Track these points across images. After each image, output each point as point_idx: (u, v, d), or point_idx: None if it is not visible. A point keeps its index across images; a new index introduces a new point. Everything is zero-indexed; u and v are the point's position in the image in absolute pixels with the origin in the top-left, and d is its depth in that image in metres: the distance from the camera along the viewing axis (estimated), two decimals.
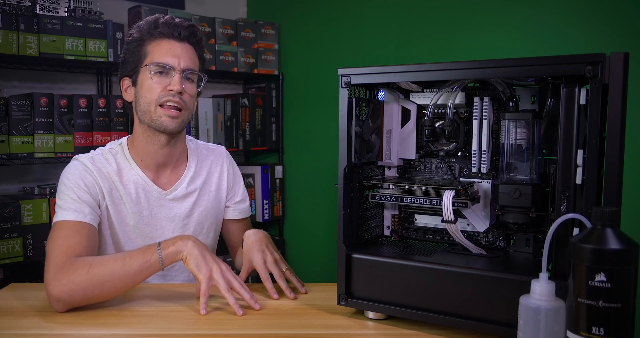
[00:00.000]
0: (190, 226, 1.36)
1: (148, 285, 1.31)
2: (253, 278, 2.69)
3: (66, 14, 2.15)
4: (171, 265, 1.16)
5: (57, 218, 1.20)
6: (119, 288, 1.10)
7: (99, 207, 1.25)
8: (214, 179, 1.41)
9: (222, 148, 1.48)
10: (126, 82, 1.31)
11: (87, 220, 1.20)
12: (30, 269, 2.16)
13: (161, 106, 1.24)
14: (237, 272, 1.27)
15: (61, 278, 1.08)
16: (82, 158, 1.28)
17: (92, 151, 1.32)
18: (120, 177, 1.28)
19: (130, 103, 1.32)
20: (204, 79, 1.31)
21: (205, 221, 1.38)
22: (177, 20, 1.28)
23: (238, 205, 1.45)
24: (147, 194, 1.30)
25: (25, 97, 2.05)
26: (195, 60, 1.29)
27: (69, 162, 1.29)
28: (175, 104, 1.24)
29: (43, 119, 2.08)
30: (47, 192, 2.16)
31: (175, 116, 1.25)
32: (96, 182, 1.25)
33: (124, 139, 1.36)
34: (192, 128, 2.52)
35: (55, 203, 1.24)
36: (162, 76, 1.25)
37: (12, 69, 2.21)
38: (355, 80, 1.03)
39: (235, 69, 2.69)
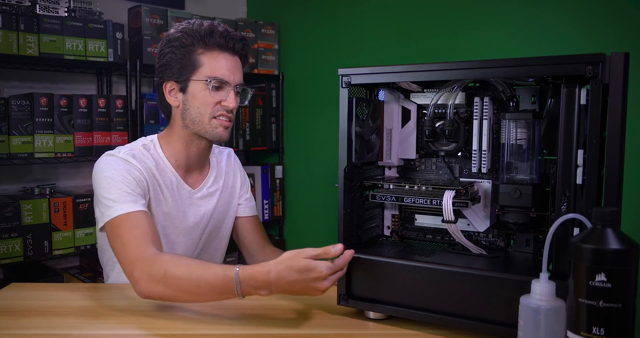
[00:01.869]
0: (212, 222, 1.40)
1: None
2: None
3: (66, 14, 2.15)
4: None
5: (112, 213, 1.16)
6: (193, 299, 1.06)
7: (145, 200, 1.25)
8: (230, 178, 1.47)
9: (231, 150, 1.53)
10: (170, 85, 1.29)
11: (144, 208, 1.19)
12: (30, 269, 2.16)
13: (214, 117, 1.27)
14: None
15: (141, 275, 1.06)
16: (120, 153, 1.25)
17: (119, 147, 1.30)
18: (159, 172, 1.30)
19: (169, 105, 1.32)
20: (251, 93, 1.35)
21: (221, 218, 1.43)
22: (231, 32, 1.28)
23: (248, 202, 1.50)
24: (180, 191, 1.33)
25: (25, 97, 2.05)
26: (242, 73, 1.32)
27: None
28: (228, 119, 1.28)
29: (43, 119, 2.08)
30: (47, 192, 2.16)
31: (228, 126, 1.29)
32: (142, 175, 1.25)
33: (154, 137, 1.35)
34: None
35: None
36: (218, 91, 1.27)
37: (12, 69, 2.21)
38: (355, 80, 1.03)
39: None
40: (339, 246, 0.98)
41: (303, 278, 0.96)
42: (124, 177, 1.20)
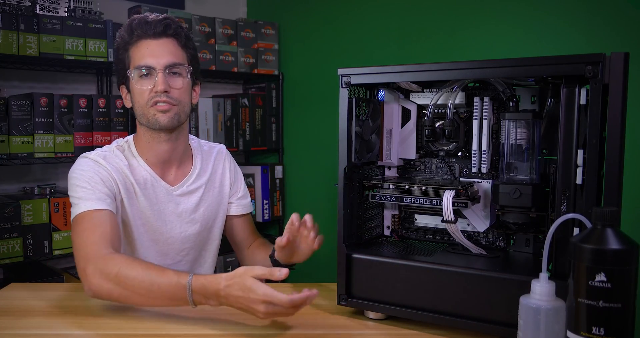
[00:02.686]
0: (197, 221, 1.37)
1: None
2: None
3: (66, 14, 2.15)
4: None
5: (77, 210, 1.17)
6: (144, 302, 1.06)
7: (115, 200, 1.24)
8: (217, 176, 1.43)
9: (223, 146, 1.50)
10: (124, 89, 1.32)
11: (110, 207, 1.19)
12: (30, 269, 2.16)
13: (151, 105, 1.25)
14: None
15: (93, 272, 1.06)
16: (92, 155, 1.28)
17: (97, 149, 1.32)
18: (131, 172, 1.29)
19: (131, 108, 1.34)
20: (189, 71, 1.30)
21: (210, 217, 1.40)
22: (151, 16, 1.27)
23: (241, 201, 1.47)
24: (156, 189, 1.32)
25: (25, 97, 2.05)
26: (178, 52, 1.28)
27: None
28: (164, 103, 1.25)
29: (43, 119, 2.08)
30: (47, 192, 2.16)
31: (166, 109, 1.25)
32: (111, 176, 1.25)
33: (130, 137, 1.36)
34: (192, 127, 2.52)
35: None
36: (147, 78, 1.25)
37: (12, 69, 2.21)
38: (355, 80, 1.03)
39: (235, 69, 2.68)
40: (284, 271, 0.96)
41: (245, 296, 0.95)
42: (90, 177, 1.22)
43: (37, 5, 2.08)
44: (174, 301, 1.02)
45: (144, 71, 1.24)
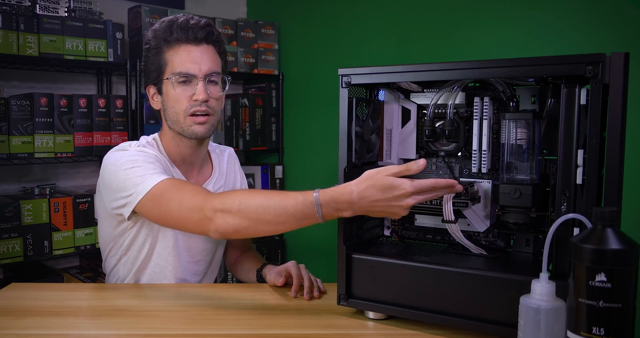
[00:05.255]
0: None
1: (148, 284, 1.31)
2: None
3: (66, 14, 2.15)
4: None
5: (147, 187, 1.12)
6: (271, 229, 1.03)
7: None
8: (231, 179, 1.45)
9: (232, 149, 1.51)
10: (152, 90, 1.30)
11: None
12: (30, 269, 2.17)
13: (190, 115, 1.24)
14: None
15: (213, 212, 1.02)
16: (132, 147, 1.25)
17: (127, 143, 1.28)
18: (170, 167, 1.29)
19: (157, 110, 1.32)
20: (228, 81, 1.30)
21: None
22: (192, 21, 1.24)
23: None
24: None
25: (25, 97, 2.05)
26: (217, 60, 1.28)
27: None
28: (203, 112, 1.24)
29: (43, 119, 2.08)
30: (47, 192, 2.16)
31: (203, 121, 1.25)
32: (159, 161, 1.23)
33: (156, 135, 1.35)
34: None
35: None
36: (186, 84, 1.24)
37: (12, 69, 2.21)
38: (355, 80, 1.03)
39: (235, 69, 2.69)
40: (422, 162, 0.93)
41: (386, 196, 0.93)
42: (144, 159, 1.19)
43: (37, 5, 2.08)
44: (303, 220, 1.00)
45: (184, 77, 1.23)
